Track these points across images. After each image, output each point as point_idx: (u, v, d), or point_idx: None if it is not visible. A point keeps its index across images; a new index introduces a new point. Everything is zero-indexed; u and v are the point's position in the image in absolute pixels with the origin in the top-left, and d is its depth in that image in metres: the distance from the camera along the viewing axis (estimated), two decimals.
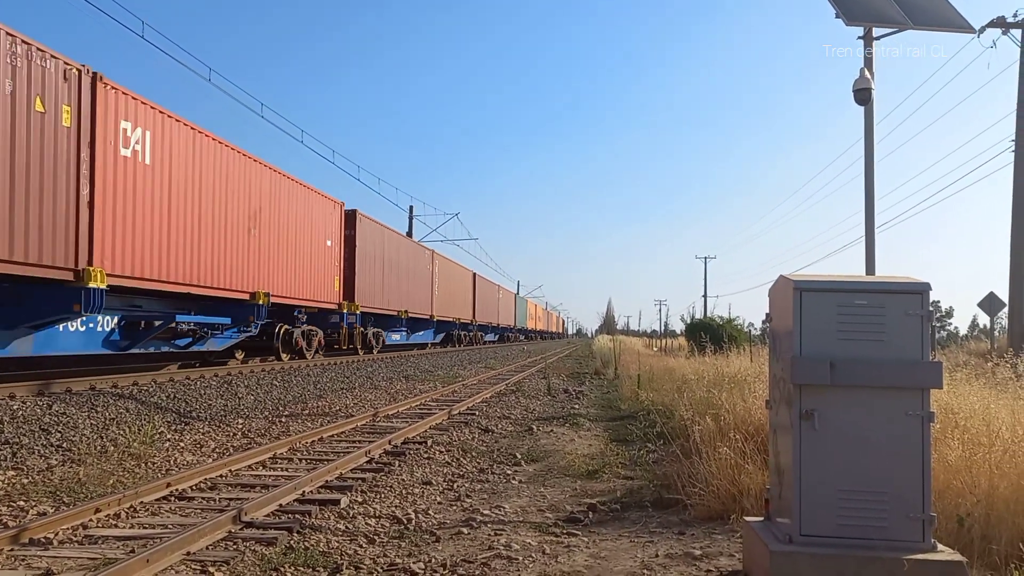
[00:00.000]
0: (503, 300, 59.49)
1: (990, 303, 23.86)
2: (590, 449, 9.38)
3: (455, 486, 7.22)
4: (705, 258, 72.41)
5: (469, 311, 44.26)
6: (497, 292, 56.57)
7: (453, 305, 39.04)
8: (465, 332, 45.13)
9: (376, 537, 5.34)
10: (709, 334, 23.71)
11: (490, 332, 56.46)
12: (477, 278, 46.84)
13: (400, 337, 30.65)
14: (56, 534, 5.17)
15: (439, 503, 6.52)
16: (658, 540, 5.29)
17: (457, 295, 40.33)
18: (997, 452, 4.99)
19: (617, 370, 23.12)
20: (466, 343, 45.63)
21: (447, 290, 37.39)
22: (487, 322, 51.59)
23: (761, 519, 4.45)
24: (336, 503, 6.23)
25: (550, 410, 13.84)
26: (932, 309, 3.97)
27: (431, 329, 35.70)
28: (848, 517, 3.89)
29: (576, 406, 14.38)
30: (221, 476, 7.31)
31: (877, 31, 8.52)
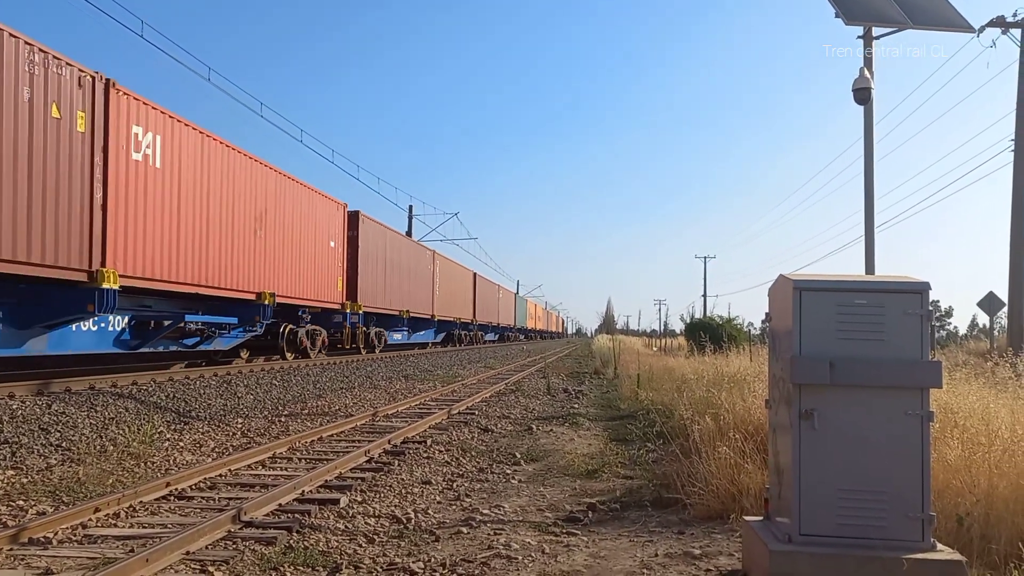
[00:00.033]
0: (503, 300, 59.56)
1: (989, 303, 23.88)
2: (590, 448, 9.38)
3: (454, 485, 7.22)
4: (705, 257, 72.40)
5: (469, 311, 44.31)
6: (497, 292, 56.64)
7: (454, 305, 39.11)
8: (466, 332, 45.21)
9: (375, 536, 5.34)
10: (709, 334, 23.72)
11: (490, 332, 56.57)
12: (477, 278, 46.93)
13: (402, 337, 30.74)
14: (55, 533, 5.17)
15: (438, 502, 6.52)
16: (657, 539, 5.29)
17: (458, 295, 40.41)
18: (996, 452, 4.99)
19: (616, 370, 23.12)
20: (466, 343, 45.68)
21: (448, 290, 37.49)
22: (487, 322, 51.64)
23: (760, 518, 4.45)
24: (336, 503, 6.23)
25: (549, 409, 13.84)
26: (932, 308, 3.97)
27: (432, 329, 35.80)
28: (847, 517, 3.89)
29: (576, 405, 14.38)
30: (220, 476, 7.31)
31: (877, 31, 8.53)
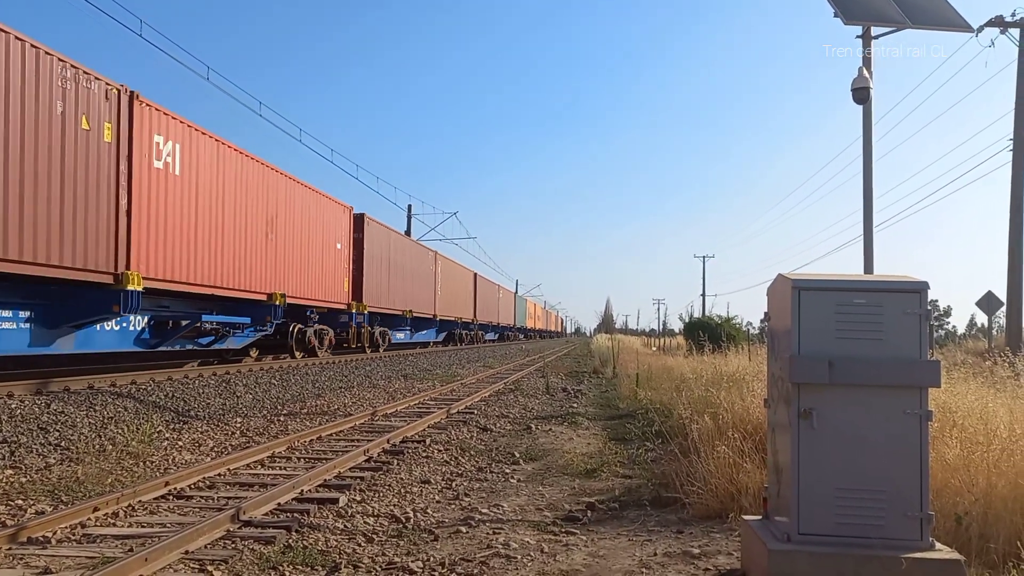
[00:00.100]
0: (503, 300, 59.89)
1: (988, 302, 23.90)
2: (588, 448, 9.38)
3: (453, 485, 7.22)
4: (704, 257, 72.29)
5: (470, 310, 44.66)
6: (497, 292, 57.00)
7: (455, 305, 39.47)
8: (466, 331, 45.62)
9: (375, 536, 5.34)
10: (707, 333, 23.74)
11: (490, 331, 57.03)
12: (478, 278, 47.31)
13: (404, 336, 31.14)
14: (54, 533, 5.17)
15: (437, 502, 6.52)
16: (656, 539, 5.29)
17: (459, 295, 40.77)
18: (995, 451, 5.00)
19: (615, 369, 23.12)
20: (467, 342, 46.02)
21: (449, 290, 37.85)
22: (487, 321, 52.00)
23: (759, 518, 4.45)
24: (335, 502, 6.23)
25: (548, 409, 13.84)
26: (930, 308, 3.97)
27: (434, 328, 36.19)
28: (846, 516, 3.89)
29: (574, 405, 14.39)
30: (219, 475, 7.31)
31: (876, 30, 8.52)
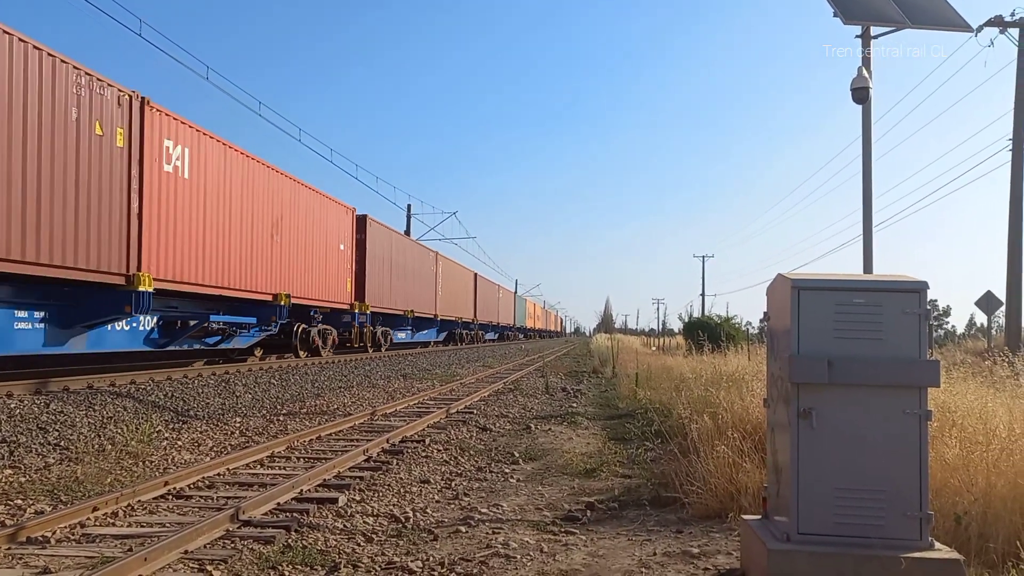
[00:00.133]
0: (503, 300, 60.15)
1: (987, 302, 23.92)
2: (588, 448, 9.38)
3: (453, 485, 7.21)
4: (703, 257, 72.21)
5: (471, 310, 44.94)
6: (497, 292, 57.28)
7: (456, 305, 39.75)
8: (467, 331, 45.89)
9: (374, 536, 5.34)
10: (707, 333, 23.74)
11: (491, 331, 57.37)
12: (478, 278, 47.58)
13: (406, 336, 31.41)
14: (54, 532, 5.17)
15: (437, 502, 6.52)
16: (656, 538, 5.29)
17: (459, 295, 41.05)
18: (994, 450, 5.00)
19: (615, 369, 23.12)
20: (468, 341, 46.30)
21: (450, 290, 38.12)
22: (488, 321, 52.27)
23: (759, 517, 4.45)
24: (334, 502, 6.22)
25: (548, 408, 13.84)
26: (929, 308, 3.98)
27: (435, 328, 36.49)
28: (846, 515, 3.89)
29: (574, 404, 14.38)
30: (219, 475, 7.31)
31: (875, 30, 8.53)
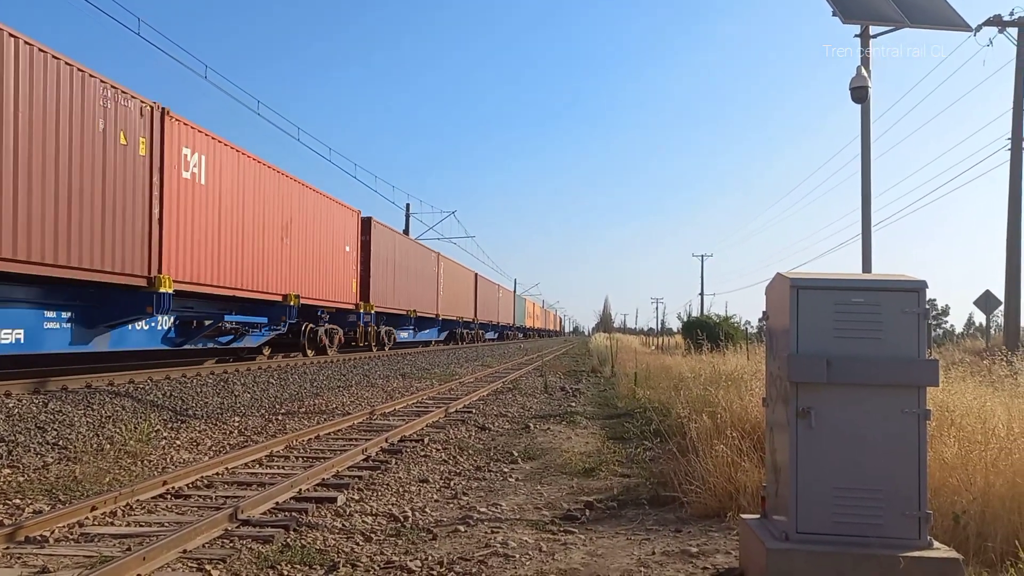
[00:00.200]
0: (503, 299, 60.58)
1: (986, 301, 23.94)
2: (587, 447, 9.38)
3: (452, 484, 7.21)
4: (702, 256, 72.19)
5: (471, 310, 45.40)
6: (497, 292, 57.76)
7: (457, 305, 40.15)
8: (467, 330, 46.36)
9: (373, 535, 5.34)
10: (706, 332, 23.68)
11: (491, 330, 57.93)
12: (479, 278, 48.01)
13: (408, 335, 31.80)
14: (52, 532, 5.16)
15: (436, 501, 6.52)
16: (655, 538, 5.30)
17: (460, 295, 41.47)
18: (993, 450, 5.00)
19: (614, 368, 23.13)
20: (468, 341, 46.73)
21: (451, 290, 38.54)
22: (488, 321, 52.75)
23: (757, 517, 4.45)
24: (333, 501, 6.22)
25: (547, 408, 13.84)
26: (928, 307, 3.97)
27: (436, 327, 36.93)
28: (844, 515, 3.89)
29: (573, 404, 14.38)
30: (217, 474, 7.31)
31: (874, 29, 8.53)
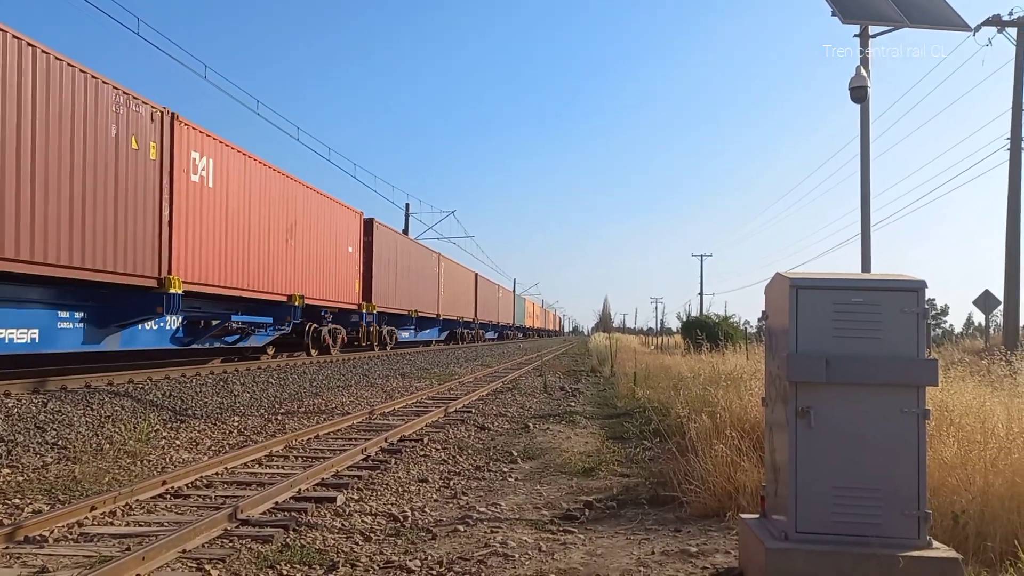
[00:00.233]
0: (503, 299, 60.90)
1: (985, 301, 23.95)
2: (586, 447, 9.38)
3: (451, 484, 7.21)
4: (701, 256, 72.37)
5: (471, 310, 45.67)
6: (497, 292, 58.06)
7: (457, 305, 40.41)
8: (468, 330, 46.62)
9: (372, 535, 5.34)
10: (705, 332, 23.69)
11: (491, 330, 58.28)
12: (479, 279, 48.28)
13: (409, 335, 32.06)
14: (51, 532, 5.16)
15: (435, 501, 6.52)
16: (654, 537, 5.30)
17: (461, 295, 41.74)
18: (992, 449, 5.01)
19: (613, 368, 23.13)
20: (468, 340, 46.99)
21: (452, 291, 38.80)
22: (488, 320, 53.02)
23: (757, 516, 4.45)
24: (332, 501, 6.22)
25: (546, 408, 13.84)
26: (927, 307, 3.98)
27: (437, 327, 37.18)
28: (844, 514, 3.89)
29: (572, 404, 14.38)
30: (217, 474, 7.31)
31: (873, 29, 8.52)
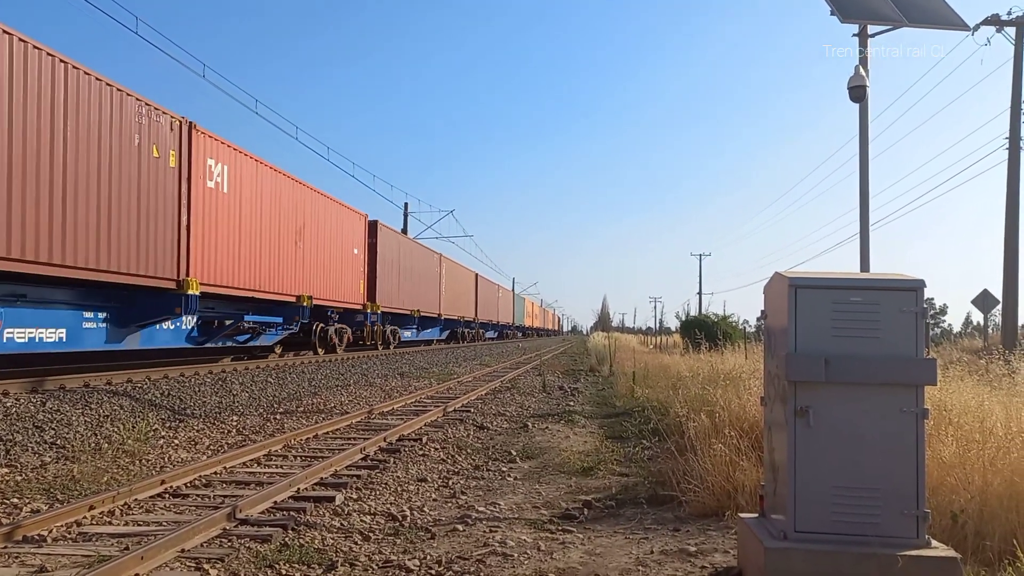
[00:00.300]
0: (502, 299, 61.38)
1: (984, 300, 23.98)
2: (585, 446, 9.38)
3: (450, 483, 7.21)
4: (700, 255, 72.31)
5: (472, 310, 46.04)
6: (497, 291, 58.58)
7: (458, 304, 40.79)
8: (468, 329, 47.01)
9: (371, 534, 5.34)
10: (704, 331, 23.69)
11: (491, 330, 58.69)
12: (479, 279, 48.65)
13: (412, 334, 32.54)
14: (50, 531, 5.16)
15: (434, 500, 6.52)
16: (653, 537, 5.30)
17: (461, 295, 42.13)
18: (991, 449, 5.01)
19: (612, 367, 23.13)
20: (469, 339, 47.38)
21: (453, 291, 39.19)
22: (488, 320, 53.45)
23: (756, 515, 4.45)
24: (331, 500, 6.22)
25: (545, 407, 13.83)
26: (926, 306, 3.98)
27: (438, 327, 37.58)
28: (842, 513, 3.89)
29: (571, 403, 14.38)
30: (215, 473, 7.31)
31: (872, 28, 8.51)
